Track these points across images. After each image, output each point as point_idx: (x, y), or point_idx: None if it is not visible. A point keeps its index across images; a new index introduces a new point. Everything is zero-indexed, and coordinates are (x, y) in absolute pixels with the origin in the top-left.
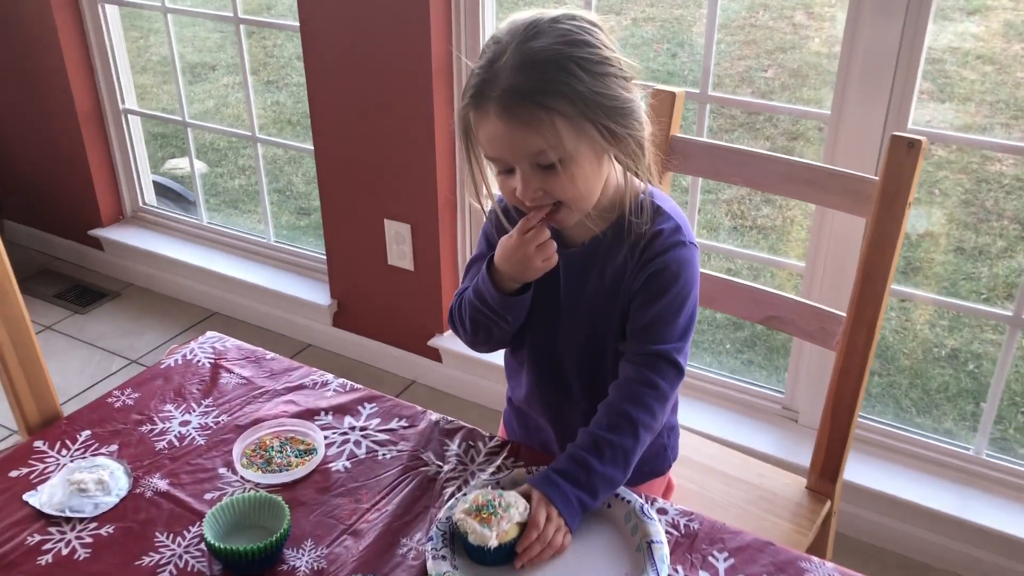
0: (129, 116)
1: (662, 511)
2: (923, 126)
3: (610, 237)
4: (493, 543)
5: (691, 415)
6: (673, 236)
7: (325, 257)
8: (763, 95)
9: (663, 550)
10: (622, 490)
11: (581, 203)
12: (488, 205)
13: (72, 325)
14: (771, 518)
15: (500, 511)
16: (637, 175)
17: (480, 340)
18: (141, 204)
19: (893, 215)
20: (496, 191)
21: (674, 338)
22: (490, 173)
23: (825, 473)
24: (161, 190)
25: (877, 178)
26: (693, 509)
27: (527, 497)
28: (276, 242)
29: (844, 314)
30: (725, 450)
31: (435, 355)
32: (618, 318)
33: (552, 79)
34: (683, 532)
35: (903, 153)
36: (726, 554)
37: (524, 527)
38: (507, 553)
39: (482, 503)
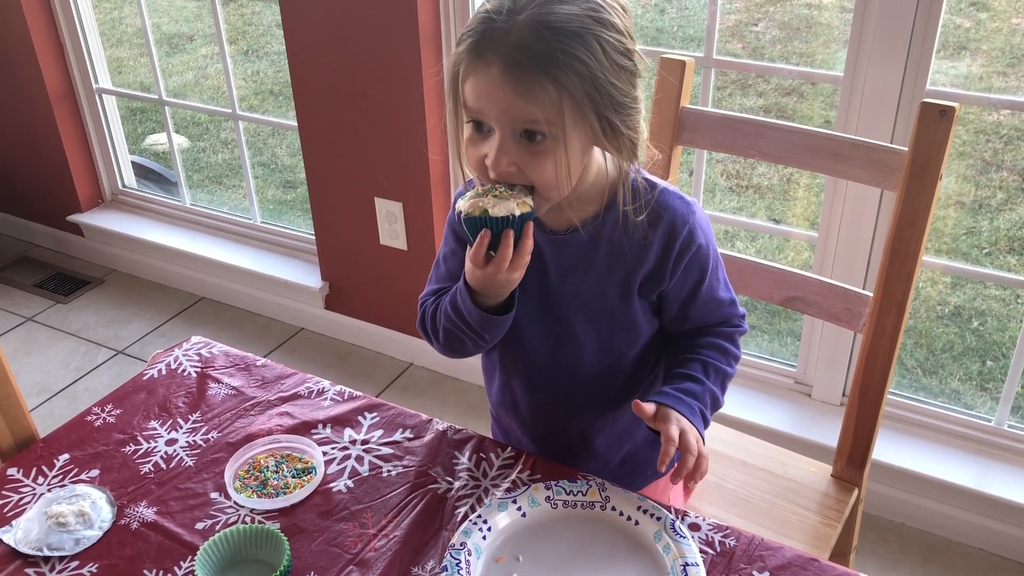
0: (104, 95)
1: (694, 527)
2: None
3: (608, 226)
4: (517, 211)
5: None
6: (685, 209)
7: (314, 238)
8: (754, 50)
9: (699, 573)
10: (651, 505)
11: (551, 192)
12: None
13: (54, 315)
14: (799, 511)
15: (506, 191)
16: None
17: (454, 351)
18: (121, 187)
19: (924, 188)
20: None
21: (730, 308)
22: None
23: (852, 460)
24: (141, 171)
25: (906, 149)
26: (715, 503)
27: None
28: (263, 223)
29: (871, 294)
30: (741, 435)
31: None
32: (639, 313)
33: (570, 52)
34: (718, 550)
35: (934, 122)
36: (767, 574)
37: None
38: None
39: (485, 189)
